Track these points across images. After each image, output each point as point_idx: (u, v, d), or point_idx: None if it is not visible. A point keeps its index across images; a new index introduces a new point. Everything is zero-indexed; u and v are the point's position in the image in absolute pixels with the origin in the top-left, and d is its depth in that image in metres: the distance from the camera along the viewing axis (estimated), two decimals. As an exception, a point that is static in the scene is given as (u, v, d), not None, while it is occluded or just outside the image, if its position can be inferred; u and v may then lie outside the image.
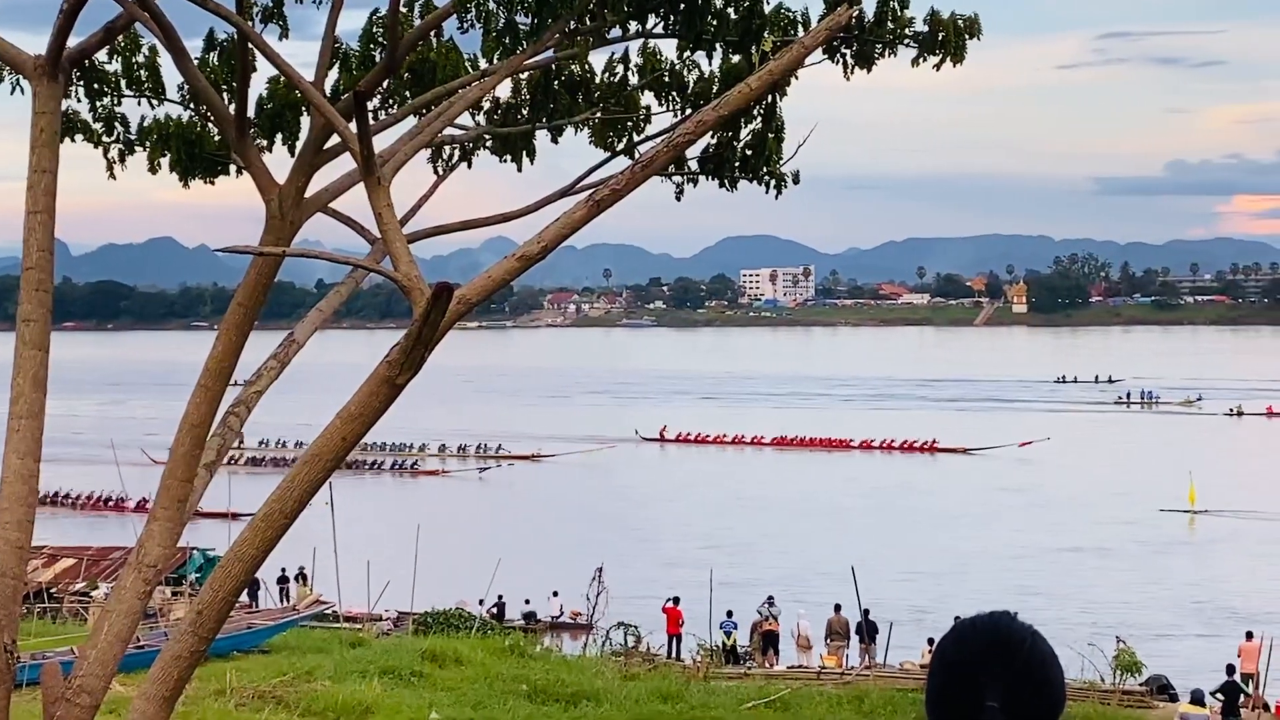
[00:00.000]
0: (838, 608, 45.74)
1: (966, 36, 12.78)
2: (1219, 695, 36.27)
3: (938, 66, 12.82)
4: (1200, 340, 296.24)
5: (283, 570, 52.53)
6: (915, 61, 12.80)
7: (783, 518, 78.23)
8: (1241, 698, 37.05)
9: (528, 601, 52.71)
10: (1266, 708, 37.89)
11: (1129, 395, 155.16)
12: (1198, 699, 33.43)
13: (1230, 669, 38.21)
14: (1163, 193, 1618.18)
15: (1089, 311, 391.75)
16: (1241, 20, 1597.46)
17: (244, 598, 43.71)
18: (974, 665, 3.04)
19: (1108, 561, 66.36)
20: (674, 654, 44.07)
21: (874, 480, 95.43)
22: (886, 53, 12.82)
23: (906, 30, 12.71)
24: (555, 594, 52.78)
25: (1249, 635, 41.86)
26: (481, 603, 49.58)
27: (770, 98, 12.99)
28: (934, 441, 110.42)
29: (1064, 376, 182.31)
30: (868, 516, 79.22)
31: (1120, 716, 33.36)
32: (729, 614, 45.60)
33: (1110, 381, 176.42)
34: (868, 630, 44.29)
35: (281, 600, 50.91)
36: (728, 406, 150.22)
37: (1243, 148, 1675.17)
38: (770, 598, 47.82)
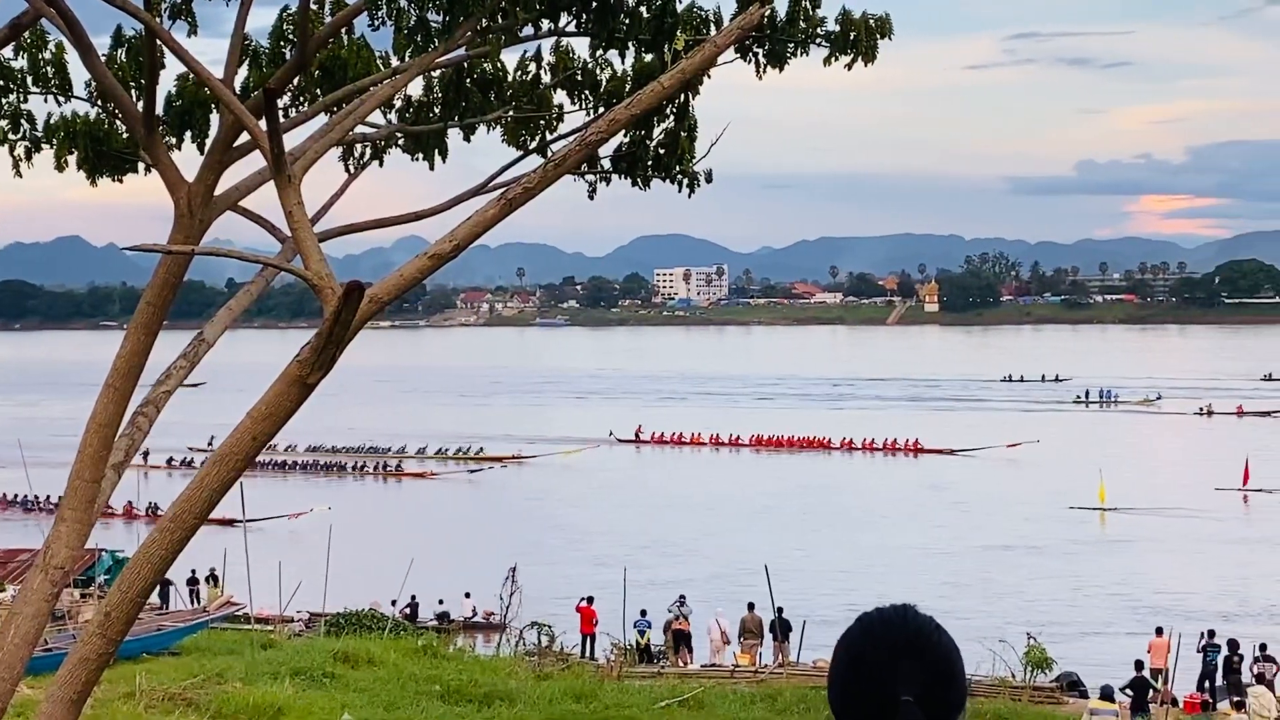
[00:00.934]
0: (751, 606, 45.86)
1: (878, 36, 12.83)
2: (1128, 691, 36.67)
3: (850, 66, 12.87)
4: (1127, 339, 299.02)
5: (193, 572, 52.08)
6: (827, 61, 12.84)
7: (722, 518, 78.14)
8: (1150, 693, 37.48)
9: (441, 602, 52.57)
10: (1175, 703, 38.36)
11: (1087, 394, 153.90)
12: (1107, 695, 33.78)
13: (1139, 665, 38.62)
14: (1073, 192, 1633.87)
15: (1000, 310, 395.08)
16: (1150, 21, 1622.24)
17: (154, 599, 43.35)
18: (886, 660, 3.04)
19: (1023, 559, 66.89)
20: (588, 653, 44.05)
21: (831, 479, 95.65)
22: (799, 52, 12.85)
23: (818, 30, 12.75)
24: (468, 595, 52.65)
25: (1158, 631, 42.34)
26: (394, 604, 49.37)
27: (683, 96, 13.00)
28: (917, 442, 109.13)
29: (1011, 375, 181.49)
30: (803, 516, 79.28)
31: (1031, 713, 33.66)
32: (643, 613, 45.60)
33: (1058, 380, 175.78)
34: (781, 628, 44.43)
35: (192, 601, 50.44)
36: (693, 407, 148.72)
37: (1151, 148, 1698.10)
38: (682, 597, 47.81)
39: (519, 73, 13.70)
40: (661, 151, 13.55)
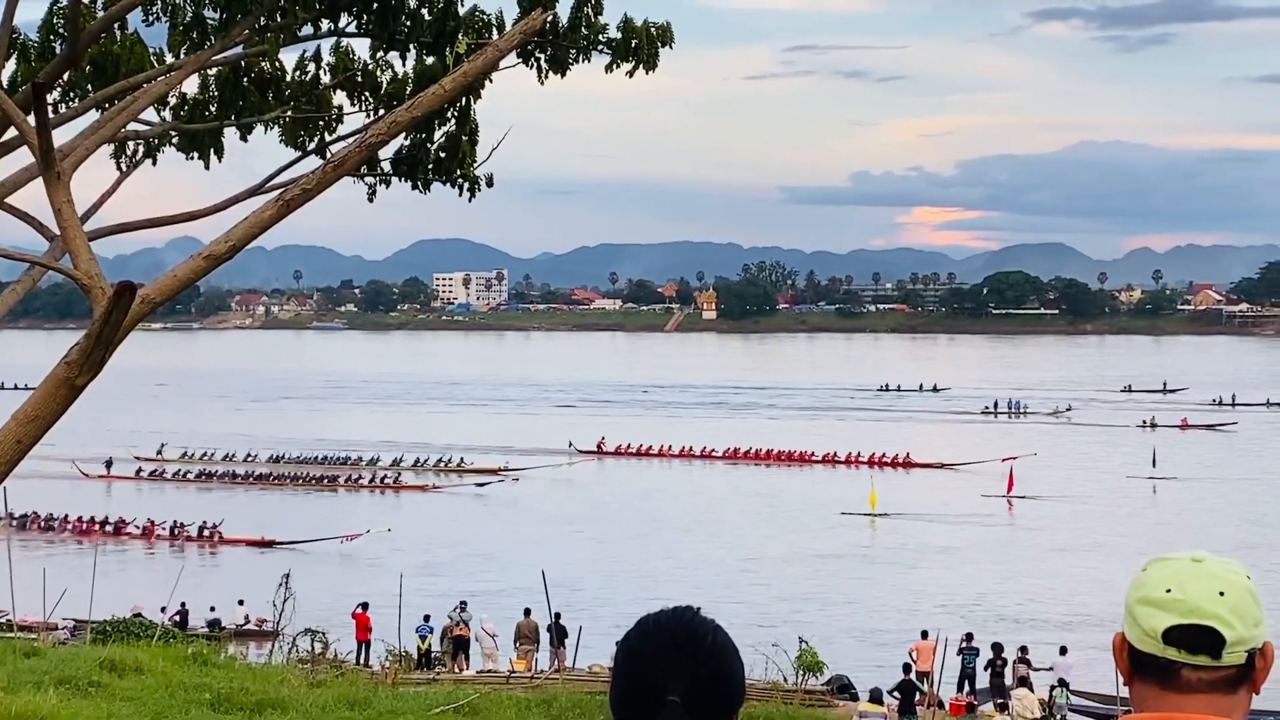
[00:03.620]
0: (527, 612, 45.92)
1: (659, 44, 12.93)
2: (896, 694, 37.42)
3: (631, 73, 12.95)
4: (910, 347, 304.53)
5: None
6: (609, 68, 12.91)
7: (564, 530, 77.23)
8: (917, 695, 38.28)
9: (213, 609, 51.73)
10: (941, 705, 39.21)
11: (996, 405, 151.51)
12: (876, 697, 34.42)
13: (906, 667, 39.43)
14: (847, 203, 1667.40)
15: (776, 318, 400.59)
16: (924, 36, 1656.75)
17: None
18: (657, 660, 3.05)
19: (800, 564, 67.70)
20: (363, 660, 43.69)
21: (663, 486, 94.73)
22: (581, 58, 12.90)
23: (600, 36, 12.81)
24: (241, 602, 51.87)
25: (924, 634, 43.24)
26: (164, 610, 48.42)
27: (464, 100, 12.97)
28: (908, 456, 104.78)
29: (888, 385, 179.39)
30: (618, 523, 79.21)
31: (802, 715, 34.09)
32: (426, 618, 45.42)
33: (935, 390, 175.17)
34: (557, 634, 44.52)
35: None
36: (589, 415, 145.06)
37: (923, 161, 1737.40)
38: (462, 603, 47.72)
39: (298, 72, 13.53)
40: (442, 155, 13.49)
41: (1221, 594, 2.93)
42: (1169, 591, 2.95)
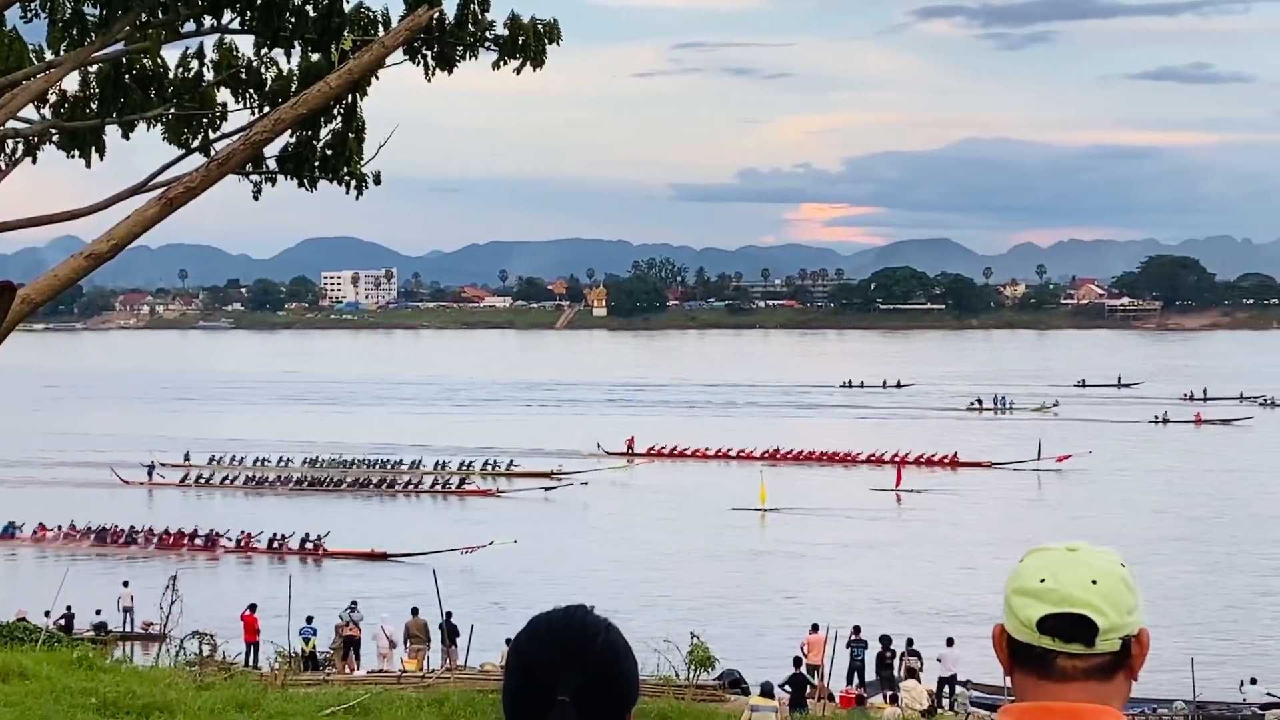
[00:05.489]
0: (415, 611, 45.84)
1: (546, 41, 12.92)
2: (786, 687, 37.65)
3: (518, 70, 12.93)
4: (821, 343, 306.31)
5: None
6: (496, 65, 12.88)
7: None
8: (808, 689, 38.56)
9: (99, 612, 51.12)
10: (831, 698, 39.51)
11: (981, 401, 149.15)
12: (767, 691, 34.61)
13: (797, 661, 39.69)
14: (736, 200, 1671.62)
15: (666, 315, 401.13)
16: (809, 34, 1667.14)
17: None
18: (547, 660, 3.05)
19: (693, 561, 67.88)
20: (251, 662, 43.36)
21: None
22: (468, 55, 12.86)
23: (487, 33, 12.77)
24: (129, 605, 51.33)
25: (814, 628, 43.54)
26: (48, 614, 47.76)
27: (351, 97, 12.88)
28: (955, 455, 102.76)
29: (850, 381, 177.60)
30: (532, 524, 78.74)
31: (694, 711, 34.19)
32: (309, 620, 45.13)
33: (899, 386, 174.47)
34: (449, 633, 44.41)
35: None
36: (556, 414, 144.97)
37: (811, 158, 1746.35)
38: (353, 603, 47.53)
39: (181, 70, 13.38)
40: (329, 152, 13.39)
41: (1094, 582, 2.97)
42: (1043, 581, 2.99)
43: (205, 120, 13.60)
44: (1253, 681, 42.55)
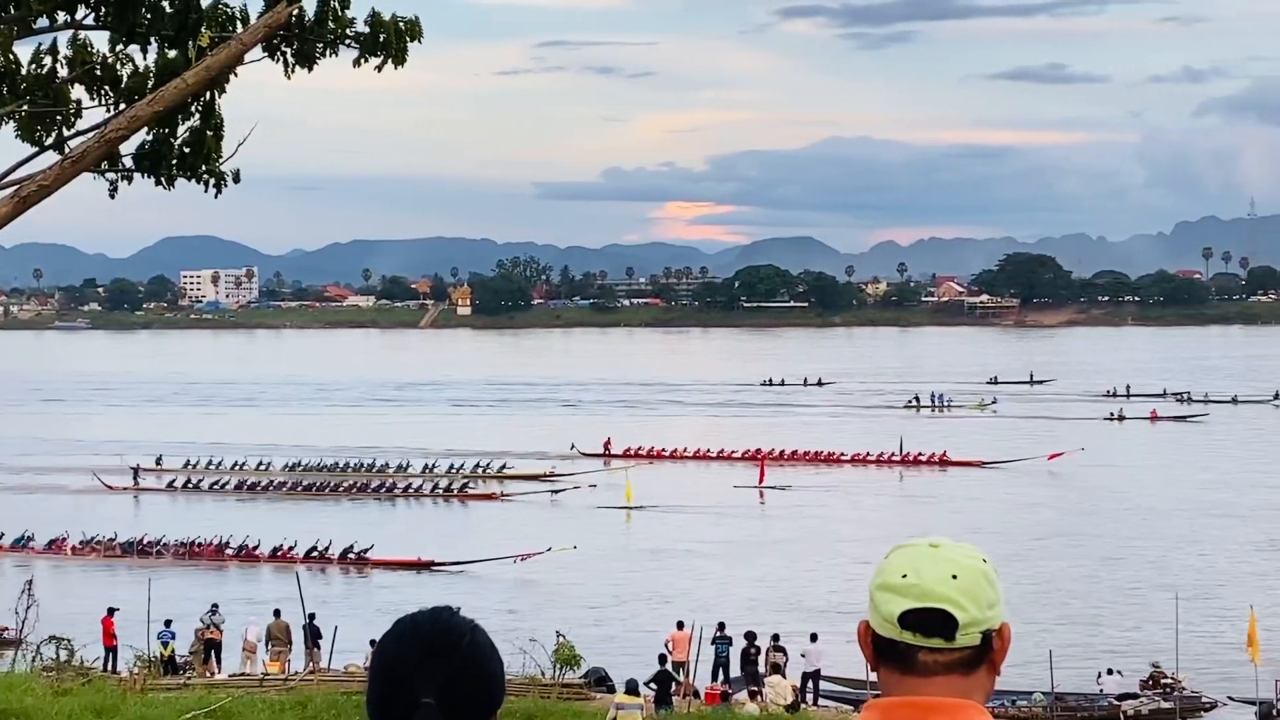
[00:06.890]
0: (277, 613, 45.46)
1: (408, 39, 12.86)
2: (652, 685, 37.73)
3: (379, 68, 12.86)
4: (691, 341, 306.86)
5: None
6: (357, 62, 12.80)
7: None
8: (673, 686, 38.67)
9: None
10: (697, 695, 39.66)
11: (919, 399, 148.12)
12: (632, 689, 34.68)
13: (662, 658, 39.80)
14: (600, 198, 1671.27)
15: (531, 314, 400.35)
16: (672, 33, 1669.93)
17: None
18: (411, 662, 3.03)
19: (559, 561, 67.63)
20: (110, 667, 42.69)
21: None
22: (328, 52, 12.76)
23: (348, 30, 12.68)
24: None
25: (679, 625, 43.68)
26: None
27: (209, 94, 12.72)
28: (944, 454, 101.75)
29: (770, 379, 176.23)
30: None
31: (560, 709, 34.22)
32: (167, 623, 44.54)
33: (820, 384, 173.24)
34: (312, 635, 44.06)
35: None
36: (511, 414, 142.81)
37: (674, 156, 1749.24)
38: (214, 605, 46.97)
39: (34, 66, 13.14)
40: (187, 150, 13.21)
41: (954, 577, 3.00)
42: (905, 577, 3.02)
43: (59, 117, 13.37)
44: (1109, 672, 43.42)
